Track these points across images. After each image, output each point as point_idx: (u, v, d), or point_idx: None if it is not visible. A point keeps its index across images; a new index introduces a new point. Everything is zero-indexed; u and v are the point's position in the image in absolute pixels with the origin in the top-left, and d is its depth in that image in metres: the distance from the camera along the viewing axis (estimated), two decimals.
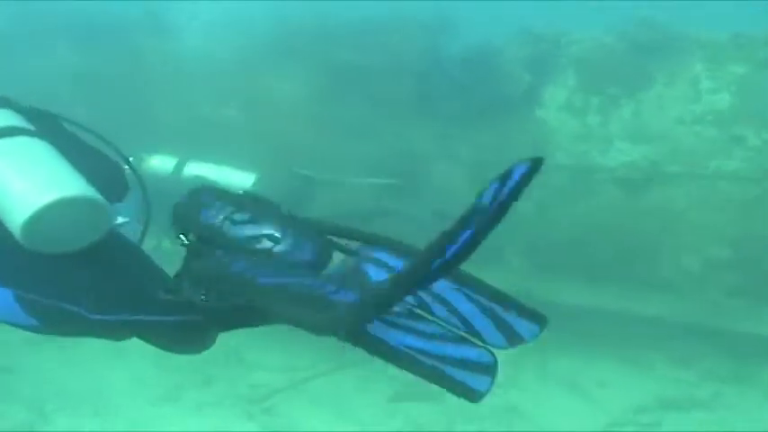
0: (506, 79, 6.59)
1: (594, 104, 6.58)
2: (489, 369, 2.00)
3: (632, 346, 6.61)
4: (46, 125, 2.61)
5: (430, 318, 2.11)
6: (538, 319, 2.13)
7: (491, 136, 6.61)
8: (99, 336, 2.54)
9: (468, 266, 5.24)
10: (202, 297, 2.27)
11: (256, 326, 2.35)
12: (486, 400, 1.97)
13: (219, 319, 2.36)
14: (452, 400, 2.00)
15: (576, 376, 6.66)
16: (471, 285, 2.15)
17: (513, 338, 2.12)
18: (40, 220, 2.28)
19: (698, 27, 6.52)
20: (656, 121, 6.34)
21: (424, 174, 6.69)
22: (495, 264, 6.42)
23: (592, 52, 6.69)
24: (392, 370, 1.99)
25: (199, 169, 5.17)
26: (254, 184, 5.06)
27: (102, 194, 2.42)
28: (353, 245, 2.32)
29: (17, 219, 2.29)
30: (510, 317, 2.12)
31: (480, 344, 2.07)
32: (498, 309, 2.13)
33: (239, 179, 5.06)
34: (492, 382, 1.99)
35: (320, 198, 6.31)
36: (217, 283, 2.23)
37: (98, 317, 2.39)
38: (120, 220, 2.68)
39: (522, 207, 4.94)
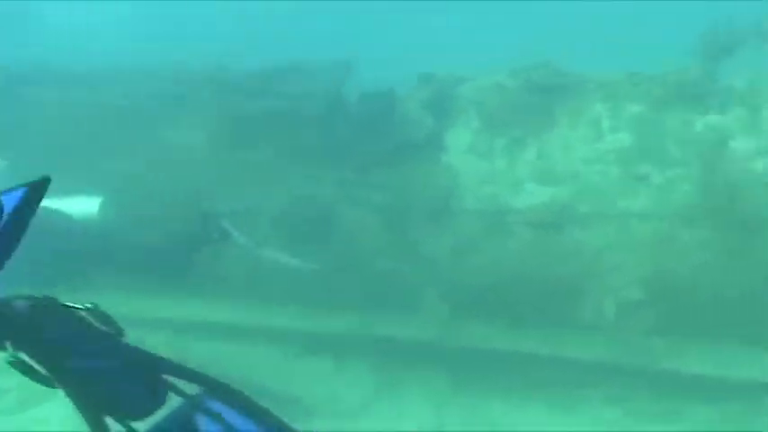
0: (409, 123, 6.73)
1: (499, 147, 6.75)
2: None
3: (558, 388, 6.65)
4: None
5: None
6: None
7: (397, 180, 6.72)
8: None
9: (383, 314, 5.25)
10: None
11: None
12: None
13: None
14: None
15: (504, 420, 6.67)
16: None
17: None
18: None
19: (594, 67, 6.80)
20: (562, 161, 6.54)
21: (333, 220, 6.73)
22: (413, 311, 6.51)
23: (492, 95, 6.90)
24: None
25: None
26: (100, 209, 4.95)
27: None
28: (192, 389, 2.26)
29: None
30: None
31: None
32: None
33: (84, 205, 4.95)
34: None
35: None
36: None
37: None
38: None
39: (437, 252, 5.04)
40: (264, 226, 6.52)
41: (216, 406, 2.18)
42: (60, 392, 2.18)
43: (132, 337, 2.27)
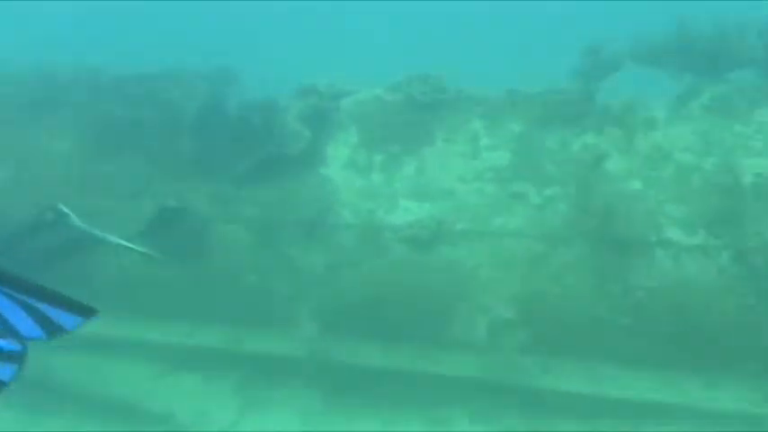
0: (287, 136, 6.66)
1: (378, 162, 6.74)
2: (16, 358, 2.13)
3: (430, 406, 6.65)
4: None
5: None
6: (84, 311, 2.37)
7: (273, 194, 6.65)
8: None
9: (253, 329, 5.16)
10: None
11: None
12: None
13: None
14: None
15: None
16: (11, 283, 2.27)
17: (53, 331, 2.34)
18: None
19: (474, 84, 6.85)
20: (440, 178, 6.55)
21: (205, 234, 6.61)
22: (284, 326, 6.44)
23: (372, 109, 6.89)
24: None
25: None
26: None
27: None
28: None
29: None
30: (52, 311, 2.31)
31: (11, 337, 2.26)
32: (39, 304, 2.30)
33: None
34: (18, 371, 2.26)
35: None
36: None
37: None
38: None
39: (311, 267, 4.97)
40: (130, 239, 6.35)
41: None
42: None
43: None
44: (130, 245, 6.17)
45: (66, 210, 6.05)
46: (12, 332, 2.27)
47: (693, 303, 5.86)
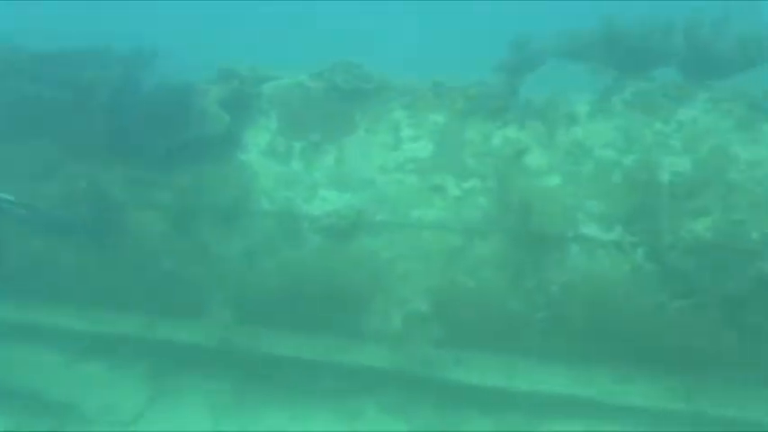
0: (205, 120, 6.56)
1: (298, 150, 6.68)
2: None
3: (342, 397, 6.66)
4: None
5: None
6: None
7: (190, 180, 6.56)
8: None
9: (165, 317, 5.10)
10: None
11: None
12: None
13: None
14: None
15: (287, 429, 6.62)
16: None
17: None
18: None
19: (399, 74, 6.83)
20: (360, 168, 6.52)
21: (117, 219, 6.51)
22: (197, 314, 6.37)
23: (294, 96, 6.84)
24: None
25: None
26: None
27: None
28: None
29: None
30: None
31: None
32: None
33: None
34: None
35: None
36: None
37: None
38: None
39: (227, 255, 4.91)
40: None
41: None
42: None
43: None
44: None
45: None
46: None
47: (607, 299, 5.94)
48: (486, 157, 6.39)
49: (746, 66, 6.50)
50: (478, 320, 6.15)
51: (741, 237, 5.83)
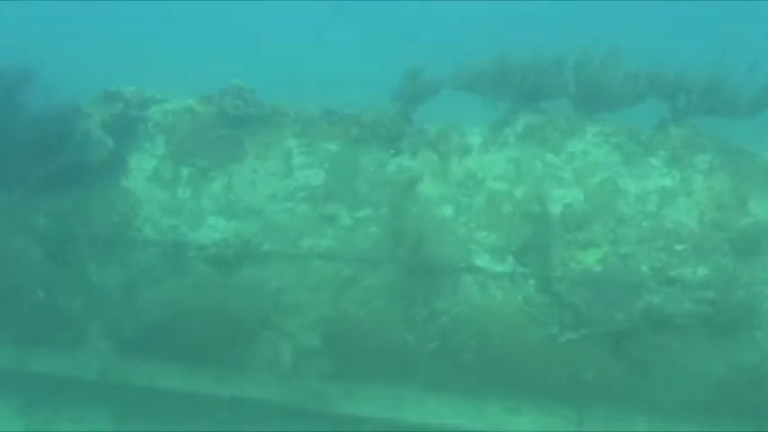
0: (88, 144, 6.41)
1: (185, 176, 6.58)
2: None
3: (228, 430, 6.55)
4: None
5: None
6: None
7: (69, 206, 6.39)
8: None
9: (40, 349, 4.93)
10: None
11: None
12: None
13: None
14: None
15: None
16: None
17: None
18: None
19: (291, 100, 6.82)
20: (249, 196, 6.47)
21: None
22: (78, 346, 6.17)
23: (182, 120, 6.76)
24: None
25: None
26: None
27: None
28: None
29: None
30: None
31: None
32: None
33: None
34: None
35: None
36: None
37: None
38: None
39: (107, 284, 4.75)
40: None
41: None
42: None
43: None
44: None
45: None
46: None
47: (498, 330, 6.00)
48: (379, 186, 6.42)
49: (635, 100, 6.72)
50: (369, 352, 6.15)
51: (630, 270, 5.98)
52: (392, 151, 6.58)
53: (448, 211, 6.33)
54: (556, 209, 6.23)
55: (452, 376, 6.14)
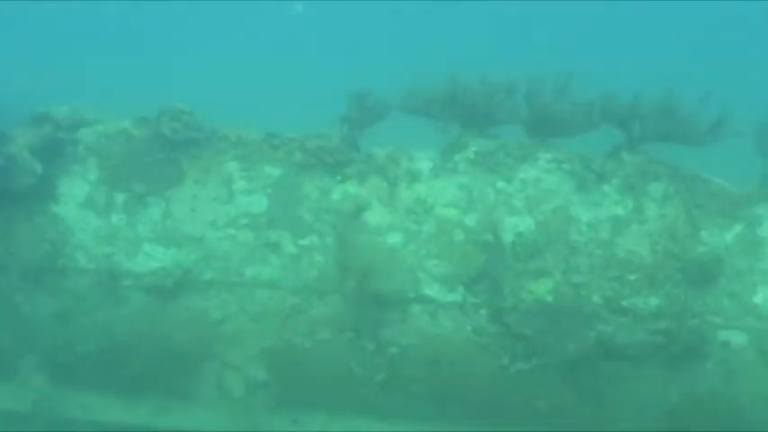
0: (14, 169, 6.81)
1: (120, 202, 7.04)
2: None
3: None
4: None
5: None
6: None
7: None
8: None
9: None
10: None
11: None
12: None
13: None
14: None
15: None
16: None
17: None
18: None
19: (231, 123, 7.38)
20: (188, 223, 6.94)
21: None
22: (8, 379, 6.60)
23: (116, 143, 7.14)
24: None
25: None
26: None
27: None
28: None
29: None
30: None
31: None
32: None
33: None
34: None
35: None
36: None
37: None
38: None
39: (38, 315, 5.28)
40: None
41: None
42: None
43: None
44: None
45: None
46: None
47: (448, 361, 6.59)
48: (325, 214, 6.91)
49: (588, 127, 7.45)
50: (316, 383, 6.67)
51: (581, 299, 6.67)
52: (338, 177, 7.18)
53: (396, 239, 6.85)
54: (507, 237, 6.82)
55: (403, 406, 6.74)
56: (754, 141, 7.25)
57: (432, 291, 6.67)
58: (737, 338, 6.57)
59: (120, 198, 7.00)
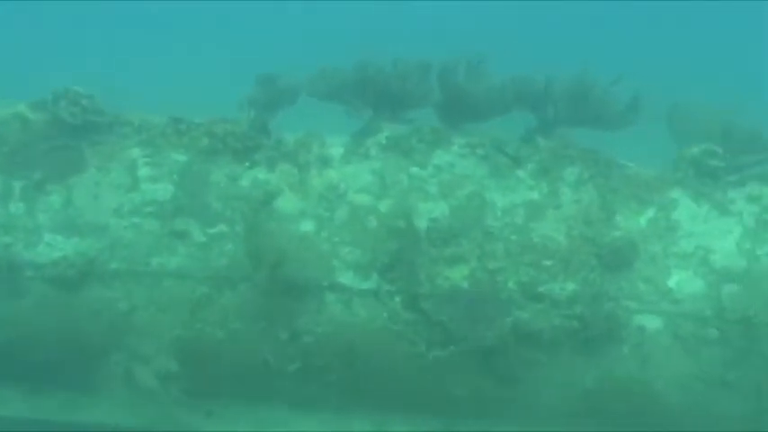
0: None
1: (18, 190, 7.17)
2: None
3: None
4: None
5: None
6: None
7: None
8: None
9: None
10: None
11: None
12: None
13: None
14: None
15: None
16: None
17: None
18: None
19: (134, 108, 7.63)
20: (91, 211, 7.13)
21: None
22: None
23: (11, 128, 7.26)
24: None
25: None
26: None
27: None
28: None
29: None
30: None
31: None
32: None
33: None
34: None
35: None
36: None
37: None
38: None
39: None
40: None
41: None
42: None
43: None
44: None
45: None
46: None
47: (364, 348, 6.92)
48: (234, 201, 7.16)
49: (503, 111, 7.91)
50: (228, 373, 6.96)
51: (497, 285, 7.09)
52: (247, 164, 7.49)
53: (308, 226, 7.13)
54: (422, 223, 7.18)
55: (318, 395, 7.06)
56: (667, 125, 7.75)
57: (346, 278, 6.93)
58: (653, 323, 6.96)
59: (17, 186, 7.12)
